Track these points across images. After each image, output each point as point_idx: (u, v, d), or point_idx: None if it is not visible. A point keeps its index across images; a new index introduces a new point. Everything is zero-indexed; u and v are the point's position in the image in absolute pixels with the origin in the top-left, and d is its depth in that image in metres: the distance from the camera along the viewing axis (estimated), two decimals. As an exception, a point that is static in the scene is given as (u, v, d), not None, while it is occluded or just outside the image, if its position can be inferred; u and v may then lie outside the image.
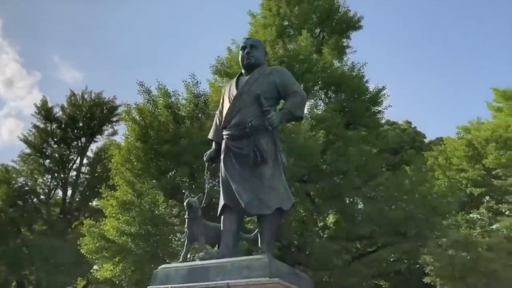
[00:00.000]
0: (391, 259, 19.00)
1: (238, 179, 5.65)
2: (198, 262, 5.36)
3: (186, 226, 5.79)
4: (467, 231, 19.60)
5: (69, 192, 29.83)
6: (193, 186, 14.50)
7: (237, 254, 5.59)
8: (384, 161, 19.75)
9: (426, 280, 18.68)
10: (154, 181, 14.78)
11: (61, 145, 29.62)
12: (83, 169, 30.73)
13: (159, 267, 5.55)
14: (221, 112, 6.19)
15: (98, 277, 16.53)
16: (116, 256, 14.50)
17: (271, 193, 5.58)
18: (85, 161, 30.80)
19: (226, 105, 5.98)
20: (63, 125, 29.93)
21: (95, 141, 31.00)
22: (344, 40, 21.26)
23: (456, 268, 16.66)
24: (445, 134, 36.74)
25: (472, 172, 22.07)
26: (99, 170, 29.38)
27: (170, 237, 14.65)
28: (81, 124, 30.12)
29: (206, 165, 6.30)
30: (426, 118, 50.70)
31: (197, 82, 18.00)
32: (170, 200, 14.89)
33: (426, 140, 31.39)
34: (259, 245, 5.66)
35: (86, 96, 30.88)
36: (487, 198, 22.32)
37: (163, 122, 15.03)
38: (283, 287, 4.92)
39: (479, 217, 21.22)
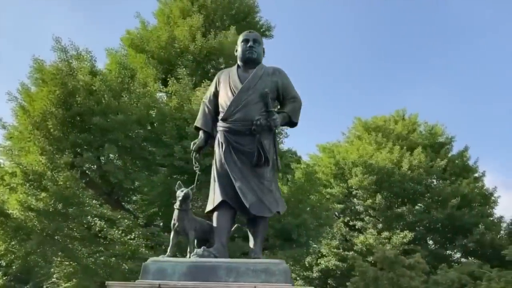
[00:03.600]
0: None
1: (240, 177, 5.51)
2: (201, 260, 5.01)
3: (176, 217, 5.43)
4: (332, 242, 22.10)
5: None
6: (120, 168, 13.42)
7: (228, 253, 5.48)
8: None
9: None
10: (72, 156, 13.17)
11: None
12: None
13: (149, 260, 5.04)
14: (211, 101, 6.02)
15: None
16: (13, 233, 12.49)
17: (270, 196, 5.59)
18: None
19: (226, 96, 5.81)
20: None
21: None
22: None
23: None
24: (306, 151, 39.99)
25: (337, 189, 24.80)
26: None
27: (83, 220, 13.17)
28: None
29: (194, 155, 5.93)
30: (296, 134, 54.95)
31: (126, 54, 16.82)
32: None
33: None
34: (251, 246, 5.61)
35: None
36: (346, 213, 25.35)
37: (94, 91, 13.54)
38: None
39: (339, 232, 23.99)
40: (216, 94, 6.01)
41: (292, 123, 5.99)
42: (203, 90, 13.55)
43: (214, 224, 5.51)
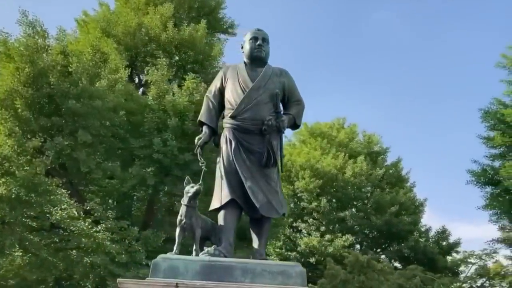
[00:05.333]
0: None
1: (250, 176, 5.48)
2: (215, 259, 4.96)
3: (183, 214, 5.29)
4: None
5: None
6: (92, 157, 12.66)
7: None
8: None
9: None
10: (43, 140, 12.22)
11: None
12: None
13: (159, 257, 4.92)
14: (216, 96, 5.94)
15: None
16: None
17: (276, 197, 5.60)
18: None
19: (236, 93, 5.77)
20: None
21: None
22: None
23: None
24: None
25: (283, 190, 25.19)
26: None
27: (46, 210, 12.21)
28: None
29: (199, 150, 5.79)
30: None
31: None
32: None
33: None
34: (255, 246, 5.60)
35: None
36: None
37: (70, 72, 12.66)
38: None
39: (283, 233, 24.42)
40: (221, 90, 5.94)
41: (296, 125, 6.07)
42: (190, 85, 13.22)
43: (221, 222, 5.44)
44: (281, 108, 5.82)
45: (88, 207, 12.55)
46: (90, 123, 12.42)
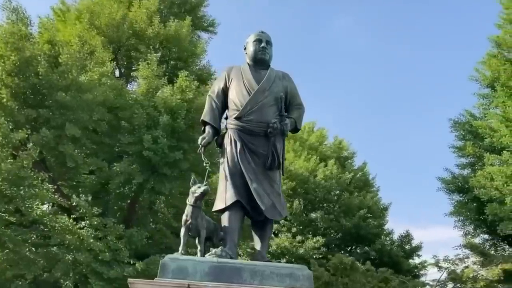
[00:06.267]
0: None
1: (255, 178, 5.52)
2: (224, 260, 5.00)
3: (189, 214, 5.29)
4: None
5: None
6: (78, 152, 12.28)
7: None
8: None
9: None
10: (30, 132, 11.75)
11: None
12: None
13: (167, 257, 4.94)
14: (219, 96, 5.96)
15: None
16: None
17: (279, 200, 5.66)
18: None
19: (241, 94, 5.83)
20: None
21: None
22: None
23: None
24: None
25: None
26: None
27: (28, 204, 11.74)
28: None
29: (203, 150, 5.79)
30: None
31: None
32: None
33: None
34: (258, 248, 5.66)
35: None
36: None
37: (60, 63, 12.24)
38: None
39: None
40: (225, 90, 5.98)
41: (296, 129, 6.16)
42: (183, 83, 13.05)
43: (226, 223, 5.48)
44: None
45: (74, 203, 12.18)
46: (79, 117, 12.05)
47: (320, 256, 22.24)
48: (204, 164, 5.57)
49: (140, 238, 13.39)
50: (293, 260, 21.84)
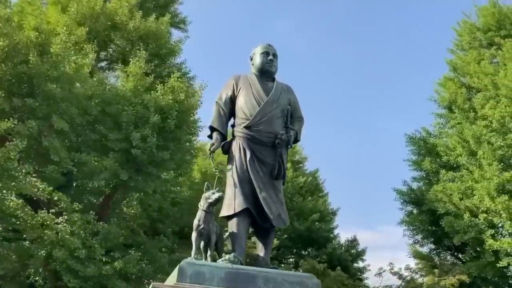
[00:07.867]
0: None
1: (263, 187, 5.77)
2: (239, 267, 5.21)
3: (201, 219, 5.42)
4: None
5: None
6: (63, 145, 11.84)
7: None
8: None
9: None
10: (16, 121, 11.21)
11: None
12: None
13: (183, 262, 5.04)
14: (227, 104, 6.17)
15: None
16: None
17: (283, 208, 5.96)
18: None
19: (251, 104, 6.11)
20: None
21: None
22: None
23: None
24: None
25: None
26: None
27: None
28: None
29: (212, 156, 6.03)
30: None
31: None
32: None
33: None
34: (262, 255, 5.90)
35: None
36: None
37: (50, 52, 11.74)
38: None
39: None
40: (233, 98, 6.26)
41: (296, 140, 6.51)
42: (174, 83, 12.94)
43: (234, 230, 5.72)
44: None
45: (56, 197, 11.79)
46: (67, 109, 11.66)
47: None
48: (214, 170, 5.80)
49: (116, 235, 13.18)
50: (247, 260, 22.08)
